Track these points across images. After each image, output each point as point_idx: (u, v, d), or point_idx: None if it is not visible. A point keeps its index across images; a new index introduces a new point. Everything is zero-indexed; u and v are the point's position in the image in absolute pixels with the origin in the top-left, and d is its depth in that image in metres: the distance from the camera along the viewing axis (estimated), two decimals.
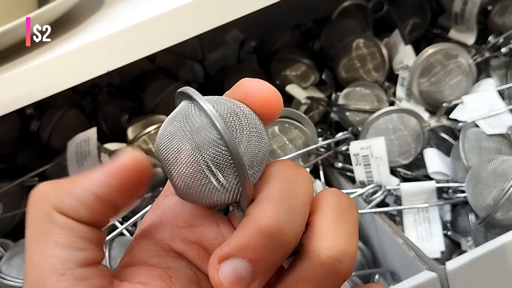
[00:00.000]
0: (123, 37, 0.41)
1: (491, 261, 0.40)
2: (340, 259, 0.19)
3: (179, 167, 0.20)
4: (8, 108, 0.41)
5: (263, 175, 0.21)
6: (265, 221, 0.18)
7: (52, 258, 0.18)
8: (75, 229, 0.19)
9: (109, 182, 0.19)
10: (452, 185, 0.48)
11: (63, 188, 0.19)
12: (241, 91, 0.22)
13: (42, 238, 0.19)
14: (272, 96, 0.21)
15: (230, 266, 0.18)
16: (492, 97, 0.52)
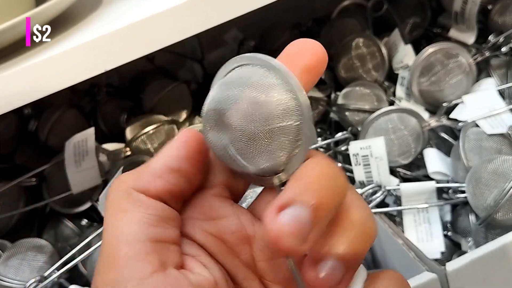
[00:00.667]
0: (121, 36, 0.41)
1: (491, 262, 0.40)
2: (369, 221, 0.20)
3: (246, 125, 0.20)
4: (6, 108, 0.41)
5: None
6: (323, 165, 0.20)
7: (126, 231, 0.20)
8: (151, 206, 0.21)
9: (178, 153, 0.22)
10: (452, 185, 0.48)
11: (138, 170, 0.22)
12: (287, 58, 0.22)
13: (120, 215, 0.20)
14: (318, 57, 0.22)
15: (290, 214, 0.18)
16: (493, 97, 0.52)
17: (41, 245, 0.48)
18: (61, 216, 0.54)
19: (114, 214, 0.20)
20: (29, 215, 0.56)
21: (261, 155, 0.20)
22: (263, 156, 0.20)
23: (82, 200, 0.53)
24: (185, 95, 0.61)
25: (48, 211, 0.56)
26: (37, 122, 0.62)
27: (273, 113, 0.20)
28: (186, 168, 0.22)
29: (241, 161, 0.21)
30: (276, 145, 0.20)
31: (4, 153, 0.62)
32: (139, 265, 0.19)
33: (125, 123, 0.60)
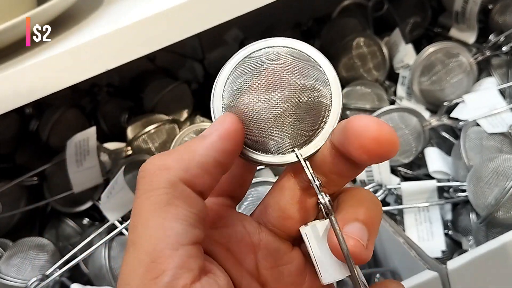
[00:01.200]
0: (123, 35, 0.41)
1: (492, 260, 0.40)
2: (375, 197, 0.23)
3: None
4: (7, 107, 0.41)
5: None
6: (370, 194, 0.22)
7: (170, 231, 0.18)
8: (194, 203, 0.19)
9: (225, 147, 0.20)
10: (453, 184, 0.48)
11: (184, 158, 0.20)
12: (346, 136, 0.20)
13: (163, 209, 0.19)
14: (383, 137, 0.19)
15: (354, 228, 0.20)
16: (493, 96, 0.52)
17: (42, 244, 0.48)
18: (62, 215, 0.54)
19: (156, 207, 0.19)
20: (31, 214, 0.56)
21: (290, 122, 0.21)
22: (292, 125, 0.21)
23: (83, 199, 0.53)
24: (186, 94, 0.61)
25: (49, 210, 0.56)
26: (38, 122, 0.62)
27: (309, 84, 0.21)
28: (228, 164, 0.20)
29: (271, 129, 0.21)
30: (305, 115, 0.21)
31: (5, 152, 0.62)
32: (181, 273, 0.18)
33: (126, 122, 0.60)
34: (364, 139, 0.18)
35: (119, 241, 0.47)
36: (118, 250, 0.46)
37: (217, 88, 0.22)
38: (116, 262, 0.46)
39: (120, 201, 0.46)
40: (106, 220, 0.49)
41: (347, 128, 0.19)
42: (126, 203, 0.46)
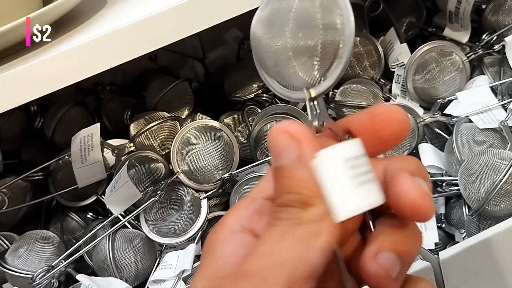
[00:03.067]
0: (126, 34, 0.42)
1: (483, 251, 0.41)
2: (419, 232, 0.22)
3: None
4: (13, 103, 0.42)
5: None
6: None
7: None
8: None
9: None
10: (446, 179, 0.49)
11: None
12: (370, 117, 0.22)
13: None
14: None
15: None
16: (485, 93, 0.54)
17: (48, 236, 0.49)
18: (67, 209, 0.56)
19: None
20: (36, 208, 0.57)
21: (305, 59, 0.22)
22: (307, 62, 0.22)
23: (87, 194, 0.54)
24: (187, 92, 0.63)
25: (54, 204, 0.58)
26: (43, 119, 0.63)
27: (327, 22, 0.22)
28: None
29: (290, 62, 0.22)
30: (319, 52, 0.22)
31: (11, 149, 0.64)
32: None
33: (129, 119, 0.62)
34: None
35: (122, 234, 0.49)
36: (121, 242, 0.48)
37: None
38: (120, 254, 0.47)
39: (123, 195, 0.47)
40: (110, 214, 0.51)
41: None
42: (129, 197, 0.48)
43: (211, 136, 0.51)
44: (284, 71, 0.23)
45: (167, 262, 0.48)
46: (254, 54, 0.25)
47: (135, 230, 0.50)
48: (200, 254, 0.50)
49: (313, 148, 0.20)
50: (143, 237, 0.49)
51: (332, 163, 0.19)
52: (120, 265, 0.47)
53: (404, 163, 0.22)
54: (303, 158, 0.20)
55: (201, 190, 0.51)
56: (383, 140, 0.22)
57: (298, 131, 0.20)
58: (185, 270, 0.46)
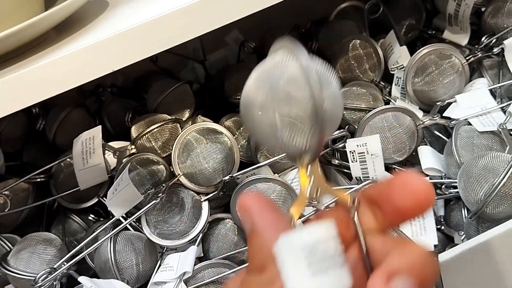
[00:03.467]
0: (128, 37, 0.42)
1: (482, 253, 0.41)
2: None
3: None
4: (16, 107, 0.42)
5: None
6: (424, 249, 0.21)
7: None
8: None
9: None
10: (445, 181, 0.50)
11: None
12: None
13: None
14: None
15: (400, 285, 0.19)
16: (484, 96, 0.54)
17: (50, 238, 0.49)
18: (68, 211, 0.56)
19: None
20: (38, 210, 0.58)
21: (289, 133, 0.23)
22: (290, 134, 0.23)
23: (89, 196, 0.55)
24: (187, 95, 0.63)
25: (56, 206, 0.58)
26: (45, 121, 0.63)
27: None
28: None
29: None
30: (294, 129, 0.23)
31: (12, 151, 0.64)
32: None
33: (130, 122, 0.62)
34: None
35: (124, 236, 0.49)
36: (123, 244, 0.48)
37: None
38: (121, 256, 0.48)
39: (124, 197, 0.48)
40: (111, 216, 0.51)
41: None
42: (131, 199, 0.48)
43: (212, 138, 0.51)
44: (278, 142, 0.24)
45: (168, 264, 0.48)
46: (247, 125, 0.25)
47: (137, 232, 0.50)
48: (201, 256, 0.51)
49: (266, 221, 0.22)
50: (144, 239, 0.49)
51: (291, 248, 0.20)
52: (122, 267, 0.47)
53: (395, 258, 0.20)
54: (253, 230, 0.22)
55: (202, 192, 0.51)
56: (399, 211, 0.21)
57: (250, 205, 0.22)
58: (186, 272, 0.46)
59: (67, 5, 0.44)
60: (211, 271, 0.47)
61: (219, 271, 0.47)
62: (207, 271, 0.47)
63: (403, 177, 0.21)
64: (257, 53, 0.72)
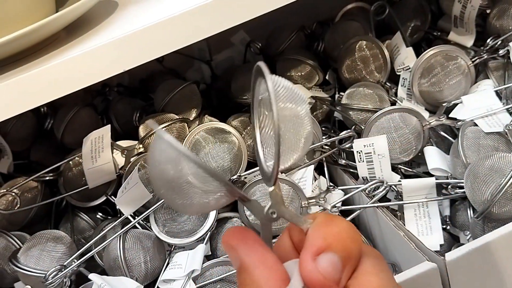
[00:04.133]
0: (137, 38, 0.43)
1: (488, 252, 0.42)
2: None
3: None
4: (25, 107, 0.42)
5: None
6: (345, 222, 0.23)
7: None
8: None
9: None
10: (451, 181, 0.50)
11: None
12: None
13: None
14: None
15: (326, 260, 0.21)
16: (490, 97, 0.54)
17: (60, 236, 0.50)
18: (77, 209, 0.57)
19: None
20: (46, 208, 0.58)
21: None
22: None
23: (97, 194, 0.55)
24: (194, 94, 0.64)
25: (64, 205, 0.58)
26: (53, 121, 0.64)
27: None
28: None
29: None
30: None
31: (21, 150, 0.65)
32: None
33: (138, 121, 0.63)
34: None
35: (133, 234, 0.49)
36: (132, 242, 0.49)
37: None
38: (130, 254, 0.48)
39: (133, 196, 0.48)
40: (119, 215, 0.52)
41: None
42: (139, 198, 0.48)
43: (220, 138, 0.51)
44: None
45: (176, 262, 0.48)
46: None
47: (145, 230, 0.51)
48: (209, 254, 0.51)
49: (255, 259, 0.22)
50: (153, 237, 0.50)
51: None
52: (131, 264, 0.48)
53: (321, 235, 0.22)
54: (242, 268, 0.22)
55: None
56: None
57: (236, 242, 0.23)
58: (194, 270, 0.47)
59: (78, 6, 0.44)
60: (219, 269, 0.48)
61: (227, 269, 0.47)
62: (215, 269, 0.48)
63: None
64: (263, 54, 0.72)
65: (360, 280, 0.21)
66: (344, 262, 0.21)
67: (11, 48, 0.41)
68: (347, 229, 0.22)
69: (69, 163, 0.56)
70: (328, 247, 0.21)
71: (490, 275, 0.42)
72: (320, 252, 0.21)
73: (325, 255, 0.21)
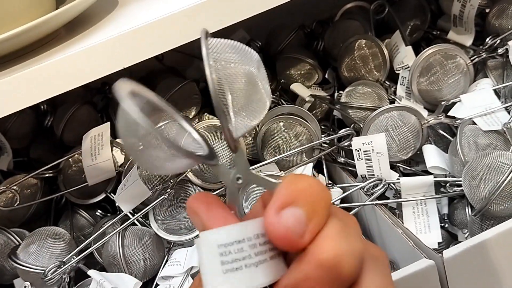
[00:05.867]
0: (137, 36, 0.43)
1: (485, 250, 0.42)
2: (341, 261, 0.20)
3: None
4: (25, 103, 0.43)
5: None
6: (311, 178, 0.22)
7: None
8: None
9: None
10: (449, 180, 0.50)
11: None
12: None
13: None
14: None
15: (290, 214, 0.20)
16: (489, 96, 0.54)
17: (59, 233, 0.50)
18: (76, 206, 0.57)
19: None
20: (46, 205, 0.58)
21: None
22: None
23: (96, 192, 0.55)
24: (194, 93, 0.64)
25: (64, 202, 0.59)
26: (52, 118, 0.64)
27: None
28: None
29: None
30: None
31: (21, 147, 0.65)
32: None
33: None
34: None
35: (132, 231, 0.50)
36: (131, 239, 0.49)
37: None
38: (129, 251, 0.48)
39: (133, 193, 0.48)
40: (118, 212, 0.52)
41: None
42: (139, 195, 0.49)
43: (219, 135, 0.52)
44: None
45: (175, 259, 0.48)
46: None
47: (144, 227, 0.51)
48: None
49: (216, 218, 0.22)
50: (152, 234, 0.50)
51: (208, 247, 0.20)
52: (130, 261, 0.48)
53: (285, 190, 0.21)
54: (204, 229, 0.22)
55: (209, 188, 0.52)
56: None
57: (197, 204, 0.22)
58: (193, 266, 0.47)
59: (78, 3, 0.44)
60: None
61: None
62: None
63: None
64: (263, 52, 0.73)
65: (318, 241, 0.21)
66: (309, 216, 0.20)
67: (11, 45, 0.42)
68: (314, 185, 0.21)
69: (69, 160, 0.56)
70: (293, 201, 0.20)
71: (487, 272, 0.43)
72: (285, 206, 0.20)
73: (289, 209, 0.20)
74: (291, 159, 0.54)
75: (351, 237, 0.21)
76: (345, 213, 0.23)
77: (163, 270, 0.49)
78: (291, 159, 0.54)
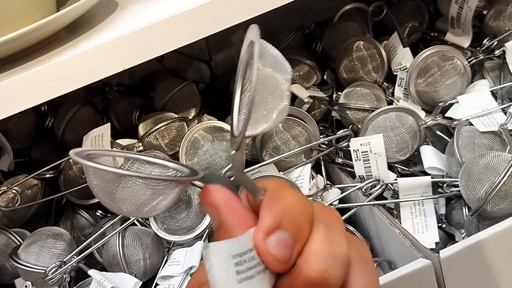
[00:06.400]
0: (137, 37, 0.43)
1: (482, 250, 0.42)
2: (327, 277, 0.21)
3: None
4: (27, 105, 0.43)
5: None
6: (294, 195, 0.22)
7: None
8: None
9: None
10: (446, 180, 0.51)
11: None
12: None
13: None
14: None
15: (277, 239, 0.21)
16: (486, 97, 0.55)
17: (60, 233, 0.51)
18: (77, 207, 0.57)
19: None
20: (46, 206, 0.59)
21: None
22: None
23: None
24: (194, 94, 0.64)
25: (64, 202, 0.59)
26: (53, 119, 0.65)
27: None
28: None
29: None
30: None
31: (21, 148, 0.65)
32: None
33: (137, 120, 0.63)
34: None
35: (132, 231, 0.50)
36: (131, 239, 0.49)
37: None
38: (129, 251, 0.49)
39: None
40: None
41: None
42: None
43: (218, 136, 0.52)
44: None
45: (175, 259, 0.49)
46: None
47: (144, 227, 0.51)
48: None
49: (237, 220, 0.22)
50: (151, 234, 0.50)
51: (222, 257, 0.20)
52: (130, 261, 0.48)
53: (269, 214, 0.22)
54: (222, 227, 0.22)
55: None
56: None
57: (219, 201, 0.23)
58: (192, 266, 0.47)
59: (79, 5, 0.45)
60: None
61: None
62: None
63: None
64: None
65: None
66: (295, 238, 0.21)
67: (12, 47, 0.42)
68: (295, 203, 0.22)
69: (69, 161, 0.57)
70: (278, 226, 0.21)
71: (483, 272, 0.43)
72: (271, 232, 0.21)
73: (275, 234, 0.21)
74: (289, 160, 0.54)
75: (336, 244, 0.22)
76: (326, 209, 0.24)
77: (162, 269, 0.49)
78: (289, 160, 0.54)
